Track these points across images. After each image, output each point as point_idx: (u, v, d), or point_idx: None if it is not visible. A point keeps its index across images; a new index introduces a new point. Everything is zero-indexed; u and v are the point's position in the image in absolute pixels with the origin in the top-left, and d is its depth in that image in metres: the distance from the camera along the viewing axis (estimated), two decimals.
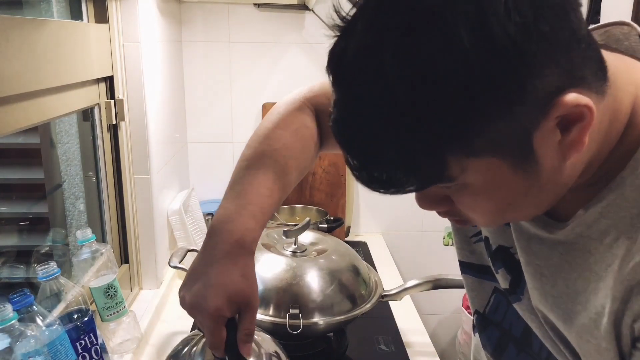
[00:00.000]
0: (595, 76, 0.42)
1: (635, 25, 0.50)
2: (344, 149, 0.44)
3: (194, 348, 0.72)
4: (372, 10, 0.41)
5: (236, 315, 0.63)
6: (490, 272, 0.63)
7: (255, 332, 0.70)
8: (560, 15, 0.39)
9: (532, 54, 0.38)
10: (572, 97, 0.39)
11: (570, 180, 0.46)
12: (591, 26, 0.52)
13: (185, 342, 0.75)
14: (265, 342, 0.76)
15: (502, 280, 0.60)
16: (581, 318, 0.48)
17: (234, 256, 0.62)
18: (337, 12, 0.44)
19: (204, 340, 0.72)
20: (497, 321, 0.64)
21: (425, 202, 0.50)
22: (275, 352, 0.76)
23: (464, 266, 0.68)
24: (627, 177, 0.44)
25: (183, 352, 0.73)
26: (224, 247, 0.62)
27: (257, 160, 0.68)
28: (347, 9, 0.43)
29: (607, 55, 0.45)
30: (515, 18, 0.37)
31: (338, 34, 0.43)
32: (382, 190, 0.45)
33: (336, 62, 0.43)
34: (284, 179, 0.67)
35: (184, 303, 0.62)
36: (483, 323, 0.67)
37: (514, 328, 0.62)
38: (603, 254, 0.46)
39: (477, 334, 0.69)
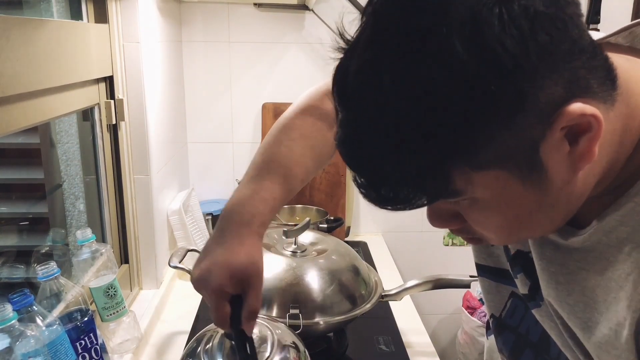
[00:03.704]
0: (602, 86, 0.42)
1: None
2: (350, 167, 0.44)
3: (209, 345, 0.73)
4: (371, 29, 0.41)
5: (242, 294, 0.66)
6: (507, 275, 0.62)
7: (271, 322, 0.71)
8: (558, 26, 0.38)
9: (532, 65, 0.37)
10: (577, 106, 0.39)
11: (584, 193, 0.45)
12: (613, 31, 0.51)
13: (199, 339, 0.75)
14: (282, 333, 0.77)
15: (521, 286, 0.59)
16: (601, 328, 0.47)
17: (242, 237, 0.65)
18: (342, 35, 0.44)
19: (218, 335, 0.75)
20: (513, 326, 0.63)
21: (436, 220, 0.49)
22: (293, 342, 0.76)
23: (481, 269, 0.67)
24: None
25: (198, 350, 0.74)
26: (233, 228, 0.66)
27: (272, 148, 0.71)
28: (351, 32, 0.44)
29: (619, 60, 0.45)
30: (511, 30, 0.36)
31: (342, 55, 0.43)
32: (389, 207, 0.45)
33: (339, 83, 0.43)
34: (298, 168, 0.70)
35: (192, 282, 0.66)
36: (499, 327, 0.65)
37: (531, 333, 0.61)
38: (623, 263, 0.45)
39: (491, 337, 0.69)
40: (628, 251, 0.44)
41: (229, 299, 0.65)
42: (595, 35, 0.51)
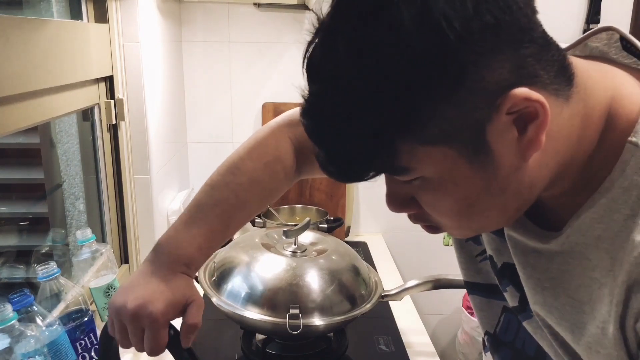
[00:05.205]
0: (554, 79, 0.43)
1: (616, 28, 0.49)
2: (310, 139, 0.46)
3: None
4: (335, 3, 0.43)
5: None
6: (498, 291, 0.62)
7: None
8: (504, 11, 0.39)
9: (475, 43, 0.39)
10: (522, 91, 0.40)
11: (536, 183, 0.46)
12: (570, 43, 0.52)
13: None
14: None
15: (511, 298, 0.59)
16: (590, 328, 0.47)
17: (178, 274, 0.65)
18: (318, 17, 0.46)
19: None
20: (508, 341, 0.63)
21: (393, 204, 0.50)
22: None
23: (471, 287, 0.67)
24: (615, 180, 0.44)
25: None
26: (170, 267, 0.65)
27: (219, 190, 0.70)
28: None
29: (578, 62, 0.46)
30: (455, 6, 0.38)
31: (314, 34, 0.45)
32: (346, 181, 0.47)
33: (307, 57, 0.45)
34: (241, 213, 0.70)
35: (124, 311, 0.61)
36: (495, 344, 0.65)
37: (527, 347, 0.61)
38: (601, 260, 0.45)
39: (488, 353, 0.68)
40: (605, 248, 0.45)
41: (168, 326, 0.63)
42: None
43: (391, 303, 1.30)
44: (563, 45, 0.52)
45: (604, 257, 0.45)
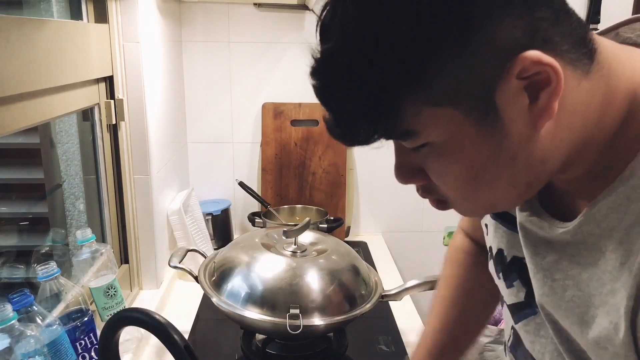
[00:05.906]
0: (572, 48, 0.41)
1: None
2: (318, 99, 0.45)
3: None
4: None
5: None
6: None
7: None
8: None
9: None
10: (533, 53, 0.39)
11: (549, 158, 0.44)
12: (600, 30, 0.51)
13: None
14: None
15: (517, 294, 0.58)
16: (599, 321, 0.45)
17: None
18: None
19: None
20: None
21: (401, 175, 0.50)
22: None
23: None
24: (636, 169, 0.42)
25: None
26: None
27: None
28: None
29: (605, 41, 0.45)
30: None
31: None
32: (352, 144, 0.46)
33: (318, 23, 0.44)
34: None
35: None
36: (517, 339, 0.63)
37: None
38: (614, 252, 0.43)
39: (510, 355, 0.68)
40: (620, 239, 0.43)
41: None
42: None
43: (391, 303, 1.30)
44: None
45: (618, 249, 0.43)
